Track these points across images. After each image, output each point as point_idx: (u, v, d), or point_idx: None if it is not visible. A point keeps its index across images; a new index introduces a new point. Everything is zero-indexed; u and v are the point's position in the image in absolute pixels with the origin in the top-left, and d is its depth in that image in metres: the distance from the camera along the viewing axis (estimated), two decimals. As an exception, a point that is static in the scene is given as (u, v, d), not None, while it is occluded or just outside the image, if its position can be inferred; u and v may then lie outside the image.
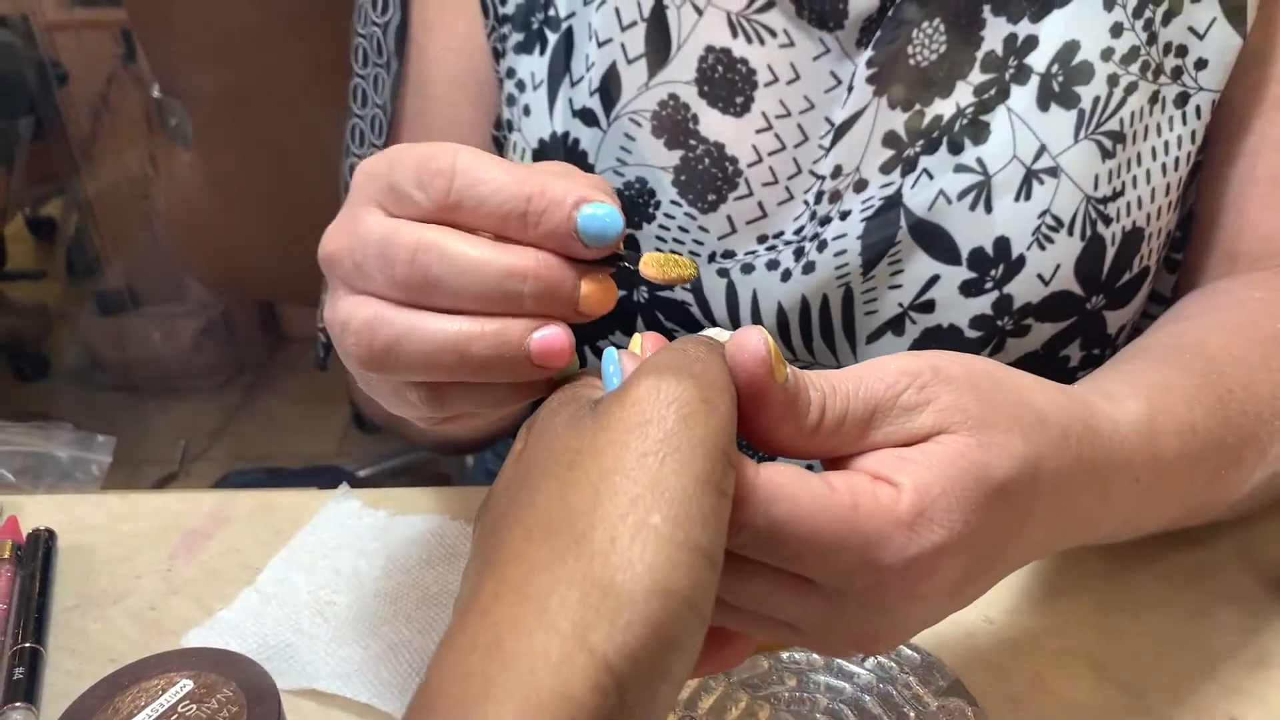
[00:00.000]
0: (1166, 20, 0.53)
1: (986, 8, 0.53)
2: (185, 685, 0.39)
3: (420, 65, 0.64)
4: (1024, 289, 0.54)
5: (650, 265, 0.35)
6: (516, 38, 0.60)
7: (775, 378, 0.31)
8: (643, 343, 0.35)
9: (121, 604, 0.52)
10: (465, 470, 1.12)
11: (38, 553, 0.54)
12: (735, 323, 0.57)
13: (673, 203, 0.57)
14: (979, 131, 0.54)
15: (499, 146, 0.64)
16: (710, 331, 0.34)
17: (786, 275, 0.55)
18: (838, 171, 0.55)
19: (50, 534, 0.56)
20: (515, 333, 0.34)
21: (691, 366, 0.29)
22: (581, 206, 0.33)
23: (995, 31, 0.53)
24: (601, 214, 0.33)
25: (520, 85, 0.61)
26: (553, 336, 0.34)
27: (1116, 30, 0.53)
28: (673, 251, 0.58)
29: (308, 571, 0.53)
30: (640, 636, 0.24)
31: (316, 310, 0.70)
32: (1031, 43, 0.53)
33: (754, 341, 0.31)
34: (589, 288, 0.34)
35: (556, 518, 0.27)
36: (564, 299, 0.34)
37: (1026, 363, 0.58)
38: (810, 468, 0.32)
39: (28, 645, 0.48)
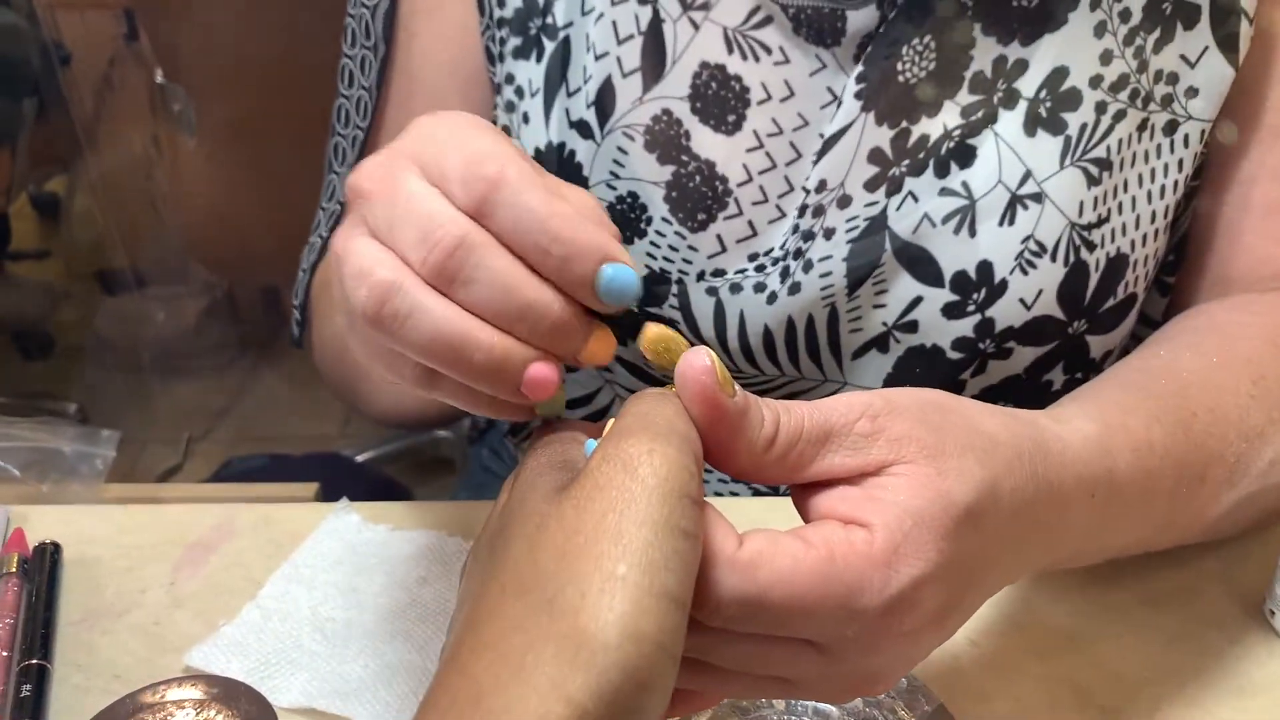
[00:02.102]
0: (1158, 48, 0.53)
1: (977, 27, 0.53)
2: (188, 715, 0.40)
3: (409, 50, 0.64)
4: (1006, 313, 0.55)
5: (648, 340, 0.36)
6: (514, 42, 0.60)
7: (724, 389, 0.32)
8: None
9: (126, 618, 0.53)
10: (465, 457, 1.13)
11: (44, 566, 0.55)
12: (722, 342, 0.58)
13: (664, 219, 0.57)
14: (965, 155, 0.54)
15: None
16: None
17: (773, 298, 0.56)
18: (822, 186, 0.55)
19: (56, 547, 0.57)
20: (517, 358, 0.35)
21: (631, 426, 0.31)
22: (606, 265, 0.35)
23: (985, 52, 0.54)
24: (623, 277, 0.35)
25: (519, 92, 0.61)
26: (546, 371, 0.36)
27: (1106, 57, 0.53)
28: (663, 270, 0.58)
29: (308, 587, 0.55)
30: (614, 681, 0.26)
31: (292, 289, 0.71)
32: (1021, 66, 0.53)
33: (699, 356, 0.32)
34: (594, 344, 0.36)
35: (527, 578, 0.28)
36: (570, 347, 0.36)
37: (1009, 386, 0.58)
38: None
39: (35, 662, 0.49)
